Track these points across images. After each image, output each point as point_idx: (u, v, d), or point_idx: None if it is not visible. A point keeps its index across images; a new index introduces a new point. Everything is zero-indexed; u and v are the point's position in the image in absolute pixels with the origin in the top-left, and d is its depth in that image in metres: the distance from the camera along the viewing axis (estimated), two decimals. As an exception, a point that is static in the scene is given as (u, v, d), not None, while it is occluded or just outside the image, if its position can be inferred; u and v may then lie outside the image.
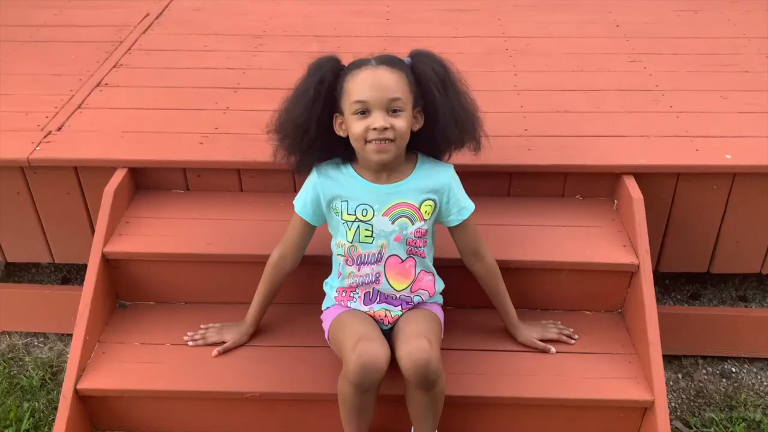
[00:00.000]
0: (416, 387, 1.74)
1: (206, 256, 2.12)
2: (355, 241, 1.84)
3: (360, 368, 1.66)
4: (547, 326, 2.07)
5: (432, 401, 1.78)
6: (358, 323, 1.82)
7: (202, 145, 2.33)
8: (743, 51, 2.94)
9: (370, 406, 1.80)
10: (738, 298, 2.72)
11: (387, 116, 1.70)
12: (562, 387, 1.94)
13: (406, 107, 1.72)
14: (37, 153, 2.27)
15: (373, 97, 1.69)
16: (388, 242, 1.83)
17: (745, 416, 2.33)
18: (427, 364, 1.68)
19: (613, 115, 2.49)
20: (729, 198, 2.28)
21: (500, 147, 2.29)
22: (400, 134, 1.72)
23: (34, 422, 2.31)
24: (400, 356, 1.72)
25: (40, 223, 2.40)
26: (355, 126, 1.72)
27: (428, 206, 1.84)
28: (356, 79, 1.71)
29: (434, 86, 1.74)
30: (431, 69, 1.75)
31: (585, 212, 2.26)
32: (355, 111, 1.71)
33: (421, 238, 1.86)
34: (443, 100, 1.76)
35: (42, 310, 2.59)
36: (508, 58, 2.91)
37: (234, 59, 2.90)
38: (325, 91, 1.74)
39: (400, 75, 1.72)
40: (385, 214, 1.82)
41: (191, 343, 2.03)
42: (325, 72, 1.75)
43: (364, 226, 1.83)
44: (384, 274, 1.86)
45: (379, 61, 1.73)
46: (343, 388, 1.76)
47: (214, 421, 2.02)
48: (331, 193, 1.83)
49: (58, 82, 2.72)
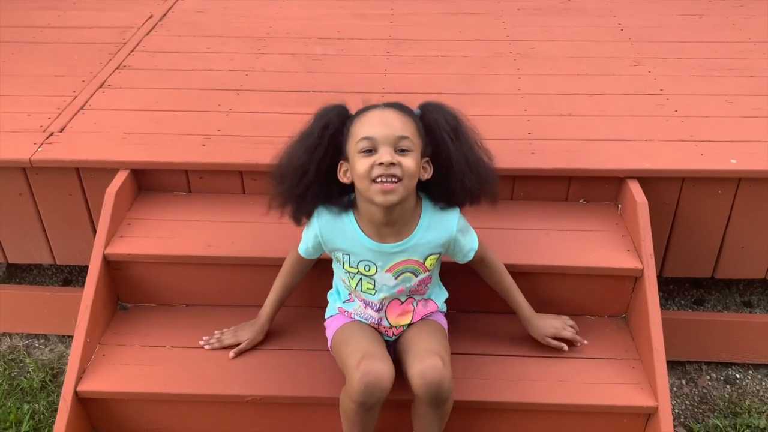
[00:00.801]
0: (426, 405, 1.72)
1: (208, 258, 2.11)
2: (358, 289, 1.83)
3: (364, 387, 1.64)
4: (565, 325, 2.01)
5: (440, 417, 1.76)
6: (363, 339, 1.80)
7: (204, 147, 2.33)
8: (749, 55, 2.93)
9: (374, 421, 1.78)
10: (742, 303, 2.70)
11: (394, 154, 1.62)
12: (566, 392, 1.93)
13: (414, 148, 1.64)
14: (40, 154, 2.27)
15: (381, 134, 1.62)
16: (390, 295, 1.82)
17: (749, 423, 2.32)
18: (440, 384, 1.66)
19: (618, 119, 2.48)
20: (734, 203, 2.27)
21: (504, 150, 2.28)
22: (408, 174, 1.62)
23: (35, 424, 2.30)
24: (412, 375, 1.68)
25: (41, 224, 2.40)
26: (360, 164, 1.63)
27: (433, 259, 1.80)
28: (363, 119, 1.66)
29: (446, 134, 1.68)
30: (442, 118, 1.69)
31: (589, 216, 2.25)
32: (361, 149, 1.63)
33: (424, 284, 1.85)
34: (456, 147, 1.68)
35: (43, 311, 2.58)
36: (512, 61, 2.91)
37: (237, 61, 2.90)
38: (329, 136, 1.67)
39: (409, 119, 1.67)
40: (389, 271, 1.78)
41: (207, 346, 2.01)
42: (331, 117, 1.68)
43: (366, 279, 1.80)
44: (386, 317, 1.85)
45: (387, 105, 1.69)
46: (346, 404, 1.73)
47: (214, 424, 2.00)
48: (332, 245, 1.80)
49: (61, 83, 2.71)
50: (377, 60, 2.93)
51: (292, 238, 2.12)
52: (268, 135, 2.36)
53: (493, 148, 1.88)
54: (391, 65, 2.89)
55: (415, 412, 1.80)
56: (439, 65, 2.89)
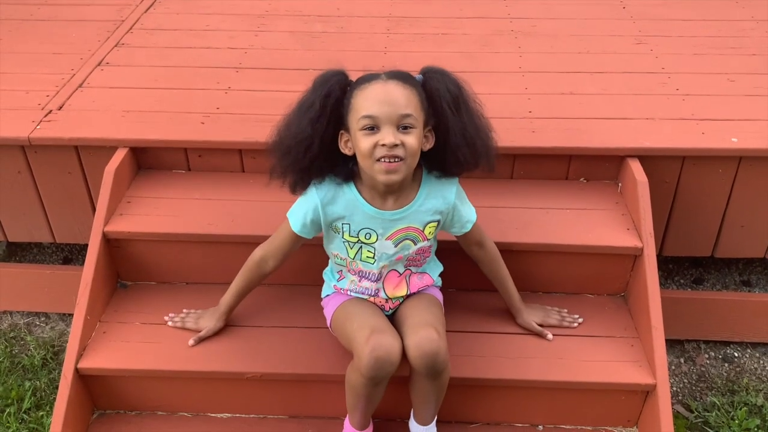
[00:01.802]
0: (423, 377, 1.73)
1: (207, 236, 2.11)
2: (357, 258, 1.82)
3: (374, 362, 1.64)
4: (549, 312, 2.06)
5: (437, 389, 1.77)
6: (368, 315, 1.80)
7: (203, 125, 2.32)
8: (751, 33, 2.91)
9: (380, 395, 1.79)
10: (742, 282, 2.71)
11: (397, 133, 1.60)
12: (564, 370, 1.93)
13: (417, 124, 1.63)
14: (38, 132, 2.26)
15: (383, 113, 1.59)
16: (389, 263, 1.82)
17: (747, 401, 2.33)
18: (436, 355, 1.67)
19: (619, 98, 2.47)
20: (734, 182, 2.26)
21: (504, 129, 2.25)
22: (411, 152, 1.62)
23: (36, 401, 2.32)
24: (408, 346, 1.69)
25: (41, 203, 2.40)
26: (362, 142, 1.62)
27: (432, 227, 1.80)
28: (365, 93, 1.62)
29: (447, 105, 1.65)
30: (444, 87, 1.66)
31: (589, 195, 2.25)
32: (363, 127, 1.61)
33: (422, 254, 1.85)
34: (455, 120, 1.66)
35: (43, 290, 2.58)
36: (513, 39, 2.88)
37: (236, 39, 2.88)
38: (331, 106, 1.64)
39: (412, 91, 1.63)
40: (389, 238, 1.78)
41: (171, 323, 2.03)
42: (332, 86, 1.64)
43: (366, 247, 1.80)
44: (383, 289, 1.85)
45: (389, 76, 1.64)
46: (354, 380, 1.73)
47: (214, 401, 2.02)
48: (332, 216, 1.77)
49: (59, 60, 2.70)
50: (377, 38, 2.91)
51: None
52: (267, 113, 2.35)
53: (494, 127, 1.87)
54: (391, 43, 2.87)
55: (413, 385, 1.81)
56: (440, 43, 2.87)
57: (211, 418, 2.02)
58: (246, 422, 2.01)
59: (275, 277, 2.15)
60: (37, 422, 2.24)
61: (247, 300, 2.09)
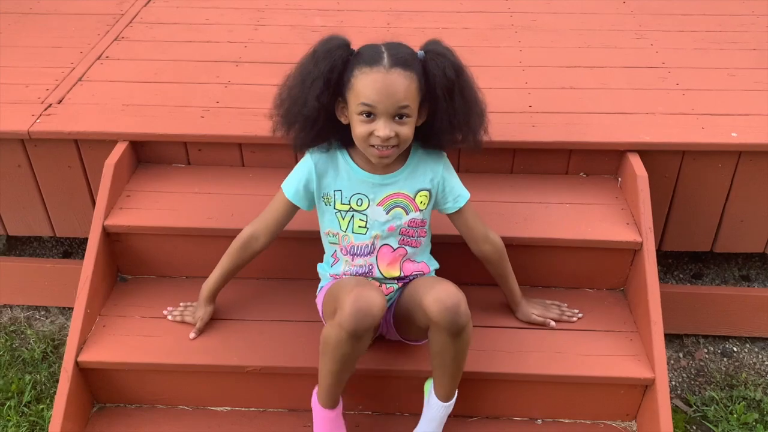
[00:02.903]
0: (445, 334, 1.67)
1: (207, 230, 2.11)
2: (349, 231, 1.82)
3: (356, 312, 1.60)
4: (549, 306, 2.07)
5: (457, 351, 1.71)
6: (356, 280, 1.77)
7: (203, 119, 2.32)
8: (751, 28, 2.90)
9: (353, 364, 1.74)
10: (741, 277, 2.71)
11: (392, 123, 1.65)
12: (563, 364, 1.94)
13: (413, 113, 1.67)
14: (38, 125, 2.26)
15: (381, 104, 1.62)
16: (382, 233, 1.82)
17: (746, 395, 2.34)
18: (457, 306, 1.64)
19: (619, 92, 2.47)
20: (734, 176, 2.26)
21: (504, 123, 2.27)
22: (404, 140, 1.69)
23: (36, 394, 2.32)
24: (428, 303, 1.65)
25: (40, 197, 2.40)
26: (359, 127, 1.67)
27: (423, 196, 1.82)
28: (366, 79, 1.63)
29: (440, 90, 1.67)
30: (442, 72, 1.66)
31: (589, 190, 2.25)
32: (360, 112, 1.65)
33: (416, 228, 1.84)
34: (445, 106, 1.69)
35: (43, 283, 2.59)
36: (514, 33, 2.88)
37: (236, 33, 2.87)
38: (335, 79, 1.66)
39: (412, 78, 1.64)
40: (380, 204, 1.80)
41: (170, 317, 2.04)
42: (335, 60, 1.65)
43: (358, 216, 1.81)
44: (376, 265, 1.85)
45: (392, 62, 1.63)
46: (334, 336, 1.66)
47: (214, 395, 2.02)
48: (325, 181, 1.80)
49: (59, 54, 2.70)
50: (377, 32, 2.89)
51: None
52: (267, 107, 2.30)
53: (494, 121, 1.88)
54: (392, 37, 2.78)
55: (432, 348, 1.74)
56: (440, 37, 2.83)
57: (211, 412, 2.03)
58: (245, 415, 2.02)
59: (274, 271, 2.16)
60: (38, 415, 2.25)
61: (247, 294, 2.10)
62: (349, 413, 1.94)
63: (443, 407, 1.83)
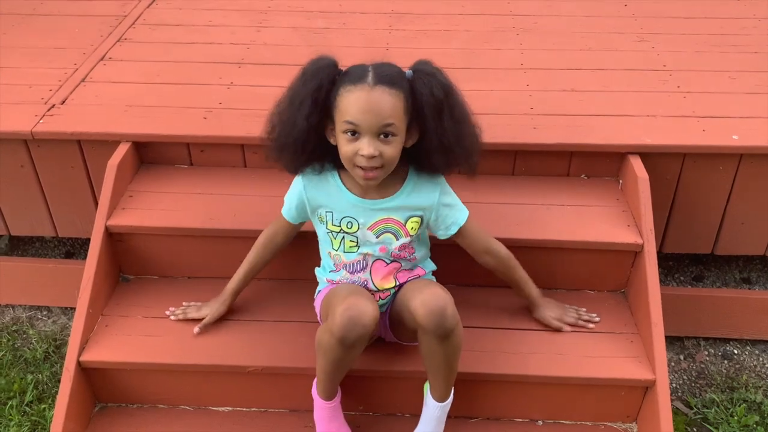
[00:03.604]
0: (432, 337, 1.68)
1: (209, 231, 2.12)
2: (340, 251, 1.83)
3: (347, 321, 1.61)
4: (567, 310, 2.06)
5: (447, 354, 1.72)
6: (351, 287, 1.80)
7: (206, 120, 2.33)
8: (753, 31, 2.91)
9: (349, 364, 1.76)
10: (742, 280, 2.72)
11: (377, 142, 1.62)
12: (564, 365, 1.94)
13: (399, 132, 1.64)
14: (41, 126, 2.27)
15: (365, 122, 1.60)
16: (373, 252, 1.82)
17: (746, 397, 2.34)
18: (443, 309, 1.64)
19: (620, 95, 2.47)
20: (735, 179, 2.27)
21: (505, 125, 2.28)
22: (388, 161, 1.66)
23: (38, 394, 2.33)
24: (415, 307, 1.67)
25: (43, 197, 2.41)
26: (344, 147, 1.66)
27: (414, 222, 1.80)
28: (350, 97, 1.62)
29: (428, 110, 1.65)
30: (429, 92, 1.64)
31: (590, 192, 2.25)
32: (345, 130, 1.64)
33: (405, 251, 1.84)
34: (434, 125, 1.66)
35: (46, 283, 2.59)
36: (515, 36, 2.89)
37: (238, 34, 2.88)
38: (322, 98, 1.66)
39: (398, 96, 1.62)
40: (370, 228, 1.79)
41: (173, 317, 2.04)
42: (322, 79, 1.65)
43: (349, 237, 1.81)
44: (371, 280, 1.85)
45: (376, 79, 1.61)
46: (325, 341, 1.69)
47: (215, 395, 2.02)
48: (316, 203, 1.81)
49: (62, 55, 2.71)
50: (379, 34, 2.91)
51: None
52: (269, 108, 2.33)
53: (495, 123, 1.88)
54: (394, 39, 2.87)
55: (423, 351, 1.76)
56: (442, 40, 2.88)
57: (212, 412, 2.03)
58: (247, 416, 2.02)
59: (276, 272, 2.17)
60: (39, 415, 2.25)
61: (249, 294, 2.10)
62: (349, 414, 1.95)
63: (439, 407, 1.84)
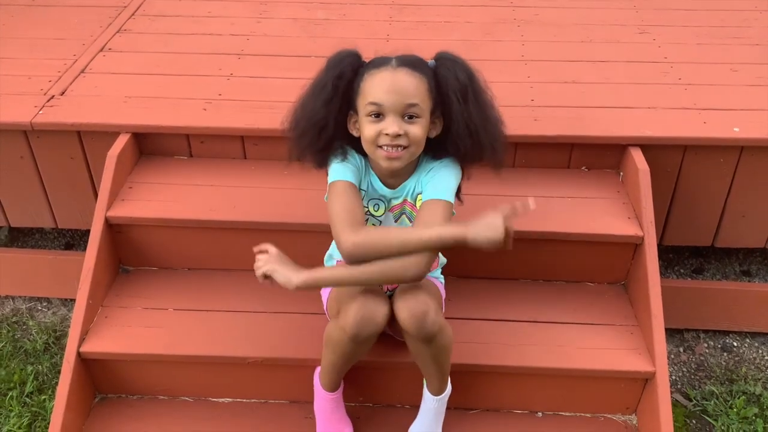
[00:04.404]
0: (416, 341, 1.70)
1: (209, 222, 2.12)
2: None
3: (360, 319, 1.63)
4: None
5: (434, 355, 1.74)
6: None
7: (205, 112, 2.32)
8: (754, 24, 2.90)
9: (357, 357, 1.78)
10: (742, 273, 2.72)
11: (402, 122, 1.61)
12: (564, 357, 1.94)
13: (423, 114, 1.62)
14: (40, 117, 2.26)
15: (389, 101, 1.59)
16: None
17: (745, 390, 2.34)
18: (424, 314, 1.64)
19: (621, 87, 2.47)
20: (736, 171, 2.26)
21: (506, 117, 2.22)
22: (415, 141, 1.63)
23: (38, 385, 2.33)
24: (397, 308, 1.67)
25: (43, 188, 2.40)
26: (367, 129, 1.63)
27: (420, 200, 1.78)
28: (374, 79, 1.61)
29: (453, 94, 1.63)
30: (454, 76, 1.63)
31: (590, 183, 2.25)
32: (369, 113, 1.62)
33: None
34: (460, 109, 1.64)
35: (45, 275, 2.59)
36: (516, 27, 2.88)
37: (238, 26, 2.87)
38: (343, 87, 1.64)
39: (421, 79, 1.62)
40: (391, 211, 1.80)
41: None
42: (344, 67, 1.64)
43: (372, 220, 1.81)
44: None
45: (399, 62, 1.62)
46: (336, 337, 1.71)
47: (216, 386, 2.03)
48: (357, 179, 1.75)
49: (62, 46, 2.70)
50: (379, 25, 2.90)
51: (293, 203, 2.13)
52: (269, 100, 2.36)
53: (496, 114, 1.87)
54: (394, 31, 2.86)
55: (412, 352, 1.78)
56: (443, 31, 2.87)
57: (213, 403, 2.03)
58: (247, 407, 2.02)
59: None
60: (40, 406, 2.25)
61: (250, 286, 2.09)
62: (349, 405, 1.95)
63: (436, 400, 1.85)
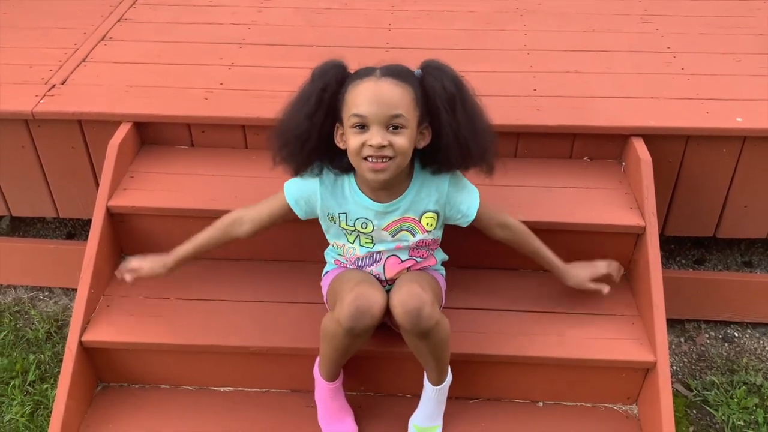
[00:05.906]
0: (411, 335, 1.70)
1: (210, 212, 2.10)
2: (356, 244, 1.82)
3: (354, 311, 1.63)
4: (595, 263, 1.99)
5: (430, 349, 1.74)
6: (360, 274, 1.80)
7: (207, 101, 2.32)
8: (757, 14, 2.88)
9: (355, 349, 1.77)
10: (743, 263, 2.71)
11: (386, 133, 1.59)
12: (565, 347, 1.95)
13: (408, 124, 1.60)
14: (42, 106, 2.26)
15: (372, 112, 1.57)
16: (388, 248, 1.80)
17: (746, 380, 2.35)
18: (419, 310, 1.64)
19: (624, 77, 2.46)
20: (738, 162, 2.26)
21: (508, 107, 2.27)
22: (400, 152, 1.61)
23: (40, 374, 2.34)
24: (392, 303, 1.67)
25: (44, 177, 2.40)
26: (352, 140, 1.61)
27: (430, 218, 1.78)
28: (357, 90, 1.59)
29: (441, 103, 1.62)
30: (441, 85, 1.62)
31: (592, 174, 2.25)
32: (353, 124, 1.60)
33: (426, 247, 1.83)
34: (448, 119, 1.63)
35: (47, 264, 2.60)
36: (519, 17, 2.87)
37: (239, 15, 2.86)
38: (328, 99, 1.63)
39: (405, 89, 1.60)
40: (386, 229, 1.77)
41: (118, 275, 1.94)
42: (329, 79, 1.63)
43: (364, 235, 1.79)
44: (384, 273, 1.83)
45: (383, 73, 1.61)
46: (332, 329, 1.71)
47: (218, 375, 2.03)
48: (329, 206, 1.77)
49: (62, 35, 2.69)
50: (381, 14, 2.89)
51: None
52: (270, 89, 2.35)
53: (498, 105, 1.87)
54: (396, 20, 2.85)
55: (409, 345, 1.78)
56: (445, 20, 2.85)
57: (214, 392, 2.04)
58: (248, 396, 2.03)
59: (280, 253, 2.17)
60: (42, 394, 2.26)
61: (253, 275, 2.10)
62: (350, 394, 1.96)
63: (436, 390, 1.85)
